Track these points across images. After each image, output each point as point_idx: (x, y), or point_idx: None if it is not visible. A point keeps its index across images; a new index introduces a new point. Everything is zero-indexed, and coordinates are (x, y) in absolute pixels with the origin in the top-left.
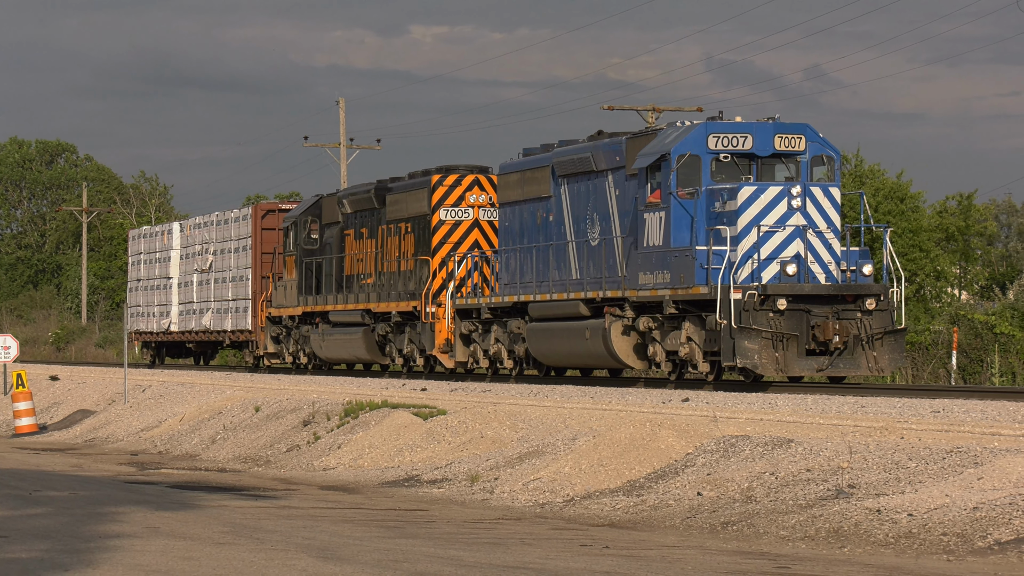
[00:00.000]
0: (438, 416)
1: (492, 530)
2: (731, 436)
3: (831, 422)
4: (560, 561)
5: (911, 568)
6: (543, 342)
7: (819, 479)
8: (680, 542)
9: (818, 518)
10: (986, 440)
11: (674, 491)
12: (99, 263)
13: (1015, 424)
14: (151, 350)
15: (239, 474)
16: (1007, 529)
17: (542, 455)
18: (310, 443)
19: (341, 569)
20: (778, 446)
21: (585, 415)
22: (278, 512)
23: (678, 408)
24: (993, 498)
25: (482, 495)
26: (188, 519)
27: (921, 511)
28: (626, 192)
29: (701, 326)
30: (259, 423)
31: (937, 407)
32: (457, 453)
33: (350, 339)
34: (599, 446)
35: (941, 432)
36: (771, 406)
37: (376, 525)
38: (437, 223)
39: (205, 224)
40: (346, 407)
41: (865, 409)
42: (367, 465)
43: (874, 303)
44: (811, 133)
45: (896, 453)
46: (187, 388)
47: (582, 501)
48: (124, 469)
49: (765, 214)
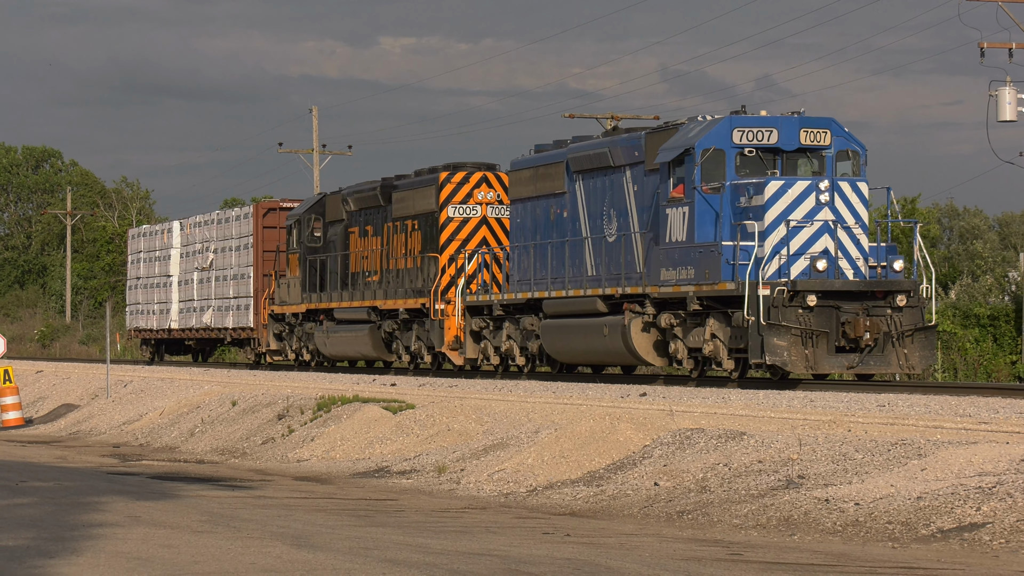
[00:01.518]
0: (407, 410)
1: (458, 519)
2: (686, 429)
3: (782, 416)
4: (523, 548)
5: (858, 555)
6: (558, 339)
7: (770, 470)
8: (638, 530)
9: (769, 507)
10: (929, 433)
11: (632, 482)
12: (82, 264)
13: (957, 418)
14: (151, 347)
15: (216, 465)
16: (949, 518)
17: (506, 447)
18: (284, 436)
19: (314, 556)
20: (731, 438)
21: (547, 409)
22: (254, 502)
23: (636, 402)
24: (936, 488)
25: (449, 485)
26: (168, 508)
27: (867, 501)
28: (645, 187)
29: (726, 323)
30: (235, 417)
31: (882, 401)
32: (425, 445)
33: (356, 336)
34: (561, 439)
35: (886, 425)
36: (724, 400)
37: (348, 514)
38: (445, 220)
39: (206, 223)
40: (319, 402)
41: (814, 403)
42: (339, 457)
43: (905, 299)
44: (836, 127)
45: (843, 445)
46: (167, 383)
47: (544, 491)
48: (107, 461)
49: (792, 209)
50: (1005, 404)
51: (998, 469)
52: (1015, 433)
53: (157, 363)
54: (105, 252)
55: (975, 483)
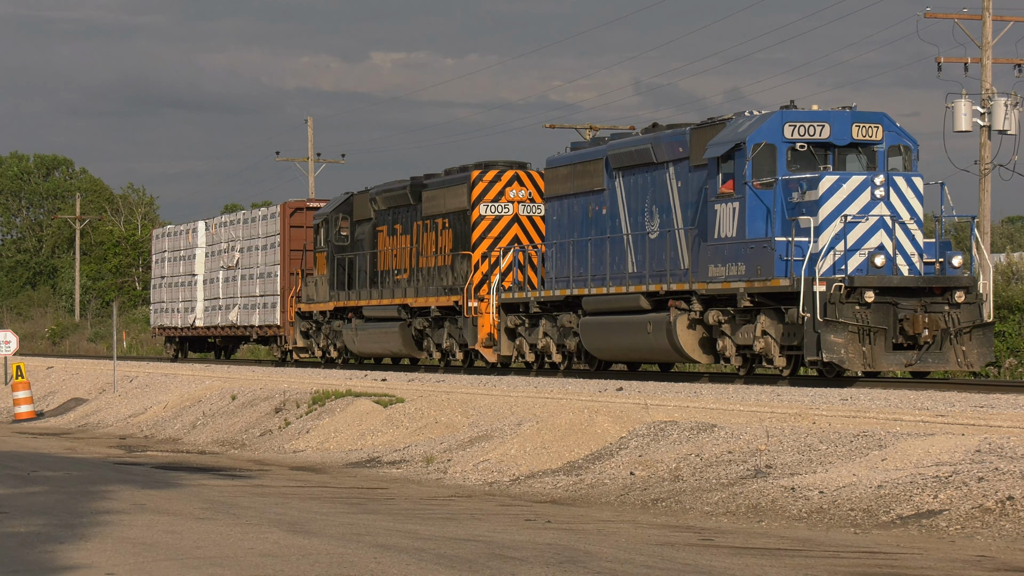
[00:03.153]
0: (397, 404)
1: (445, 506)
2: (660, 422)
3: (750, 409)
4: (507, 534)
5: (822, 540)
6: (599, 336)
7: (739, 460)
8: (615, 517)
9: (738, 495)
10: (889, 425)
11: (609, 471)
12: (91, 266)
13: (915, 411)
14: (174, 344)
15: (217, 456)
16: (908, 505)
17: (490, 439)
18: (281, 428)
19: (309, 541)
20: (703, 430)
21: (529, 403)
22: (252, 490)
23: (613, 397)
24: (895, 477)
25: (436, 475)
26: (171, 496)
27: (831, 489)
28: (689, 184)
29: (778, 319)
30: (235, 410)
31: (845, 396)
32: (414, 437)
33: (385, 334)
34: (542, 431)
35: (849, 418)
36: (696, 395)
37: (341, 502)
38: (477, 218)
39: (231, 222)
40: (314, 396)
41: (781, 397)
42: (333, 448)
43: (963, 296)
44: (888, 122)
45: (808, 437)
46: (170, 379)
47: (527, 480)
48: (113, 452)
49: (847, 204)
50: (961, 398)
51: (954, 459)
52: (970, 425)
53: (181, 360)
54: (112, 255)
55: (932, 472)
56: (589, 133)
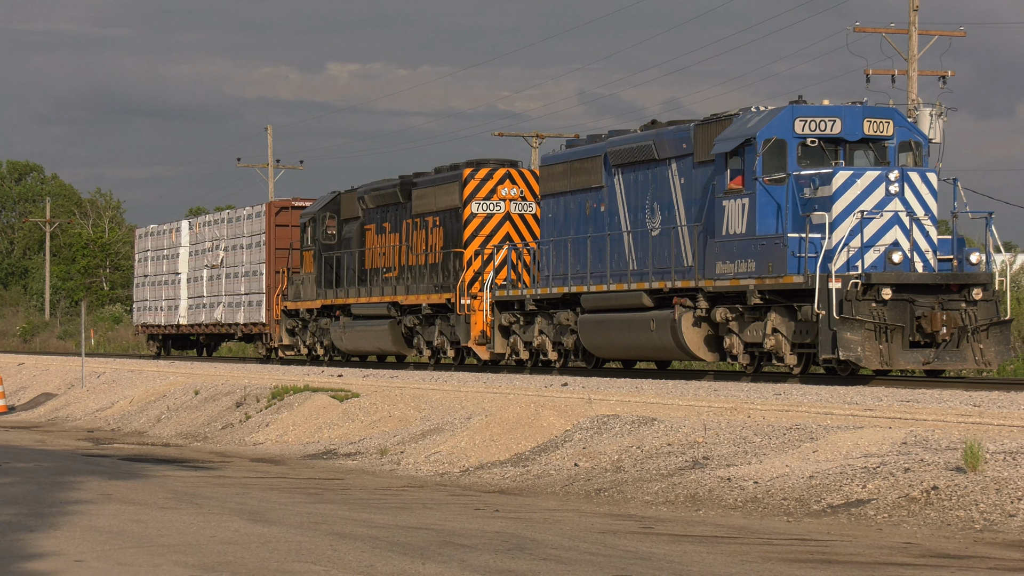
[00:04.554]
0: (352, 398)
1: (399, 496)
2: (603, 415)
3: (689, 403)
4: (457, 522)
5: (756, 528)
6: (598, 334)
7: (678, 452)
8: (560, 506)
9: (677, 485)
10: (820, 419)
11: (555, 463)
12: (60, 267)
13: (845, 405)
14: (157, 342)
15: (181, 448)
16: (838, 495)
17: (441, 432)
18: (242, 422)
19: (269, 530)
20: (643, 424)
21: (479, 397)
22: (214, 481)
23: (558, 391)
24: (826, 468)
25: (390, 466)
26: (137, 487)
27: (765, 479)
28: (693, 180)
29: (790, 317)
30: (198, 404)
31: (779, 391)
32: (368, 430)
33: (375, 331)
34: (490, 424)
35: (782, 412)
36: (637, 390)
37: (299, 492)
38: (469, 216)
39: (215, 222)
40: (273, 390)
41: (717, 392)
42: (291, 441)
43: (981, 293)
44: (899, 118)
45: (744, 430)
46: (136, 374)
47: (476, 471)
48: (82, 444)
49: (862, 200)
50: (888, 393)
51: (882, 451)
52: (896, 419)
53: (163, 357)
54: (80, 256)
55: (861, 464)
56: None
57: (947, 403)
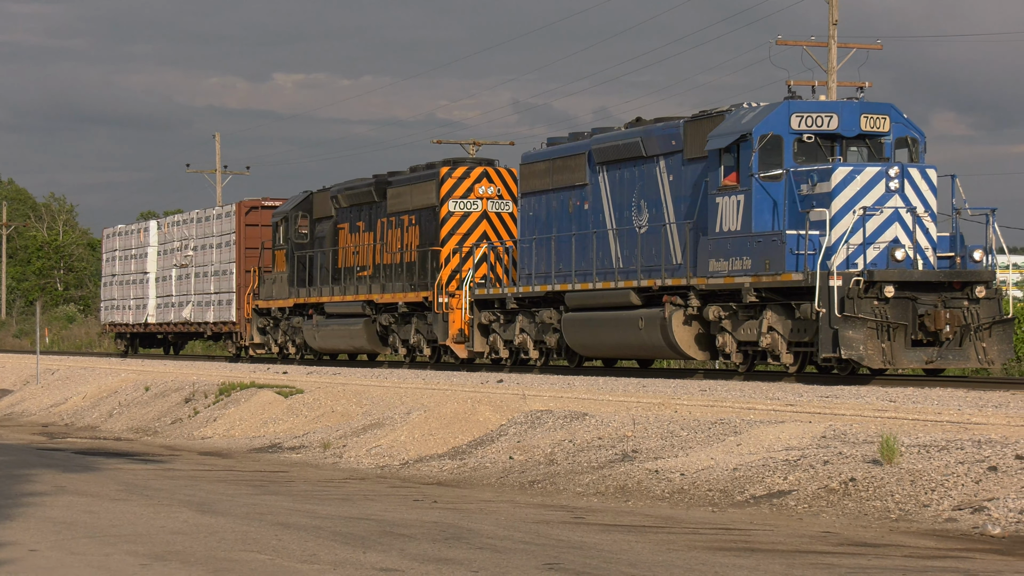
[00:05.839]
0: (297, 394)
1: (341, 488)
2: (537, 411)
3: (619, 399)
4: (397, 513)
5: (683, 518)
6: (584, 332)
7: (608, 445)
8: (495, 497)
9: (607, 477)
10: (743, 413)
11: (491, 456)
12: (16, 268)
13: (767, 400)
14: (125, 340)
15: (132, 442)
16: (760, 486)
17: (382, 426)
18: (191, 417)
19: (216, 520)
20: (575, 418)
21: (418, 393)
22: (164, 474)
23: (494, 388)
24: (749, 461)
25: (333, 459)
26: (90, 479)
27: (691, 471)
28: (683, 177)
29: (787, 315)
30: (148, 400)
31: (704, 387)
32: (312, 425)
33: (349, 330)
34: (429, 419)
35: (707, 407)
36: (569, 386)
37: (245, 484)
38: (446, 214)
39: (184, 221)
40: (221, 387)
41: (646, 388)
42: (238, 435)
43: (984, 290)
44: (895, 114)
45: (671, 424)
46: (89, 371)
47: (415, 464)
48: (36, 438)
49: (861, 196)
50: (808, 389)
51: (802, 444)
52: (816, 414)
53: (131, 356)
54: (36, 258)
55: (783, 456)
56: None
57: (864, 399)
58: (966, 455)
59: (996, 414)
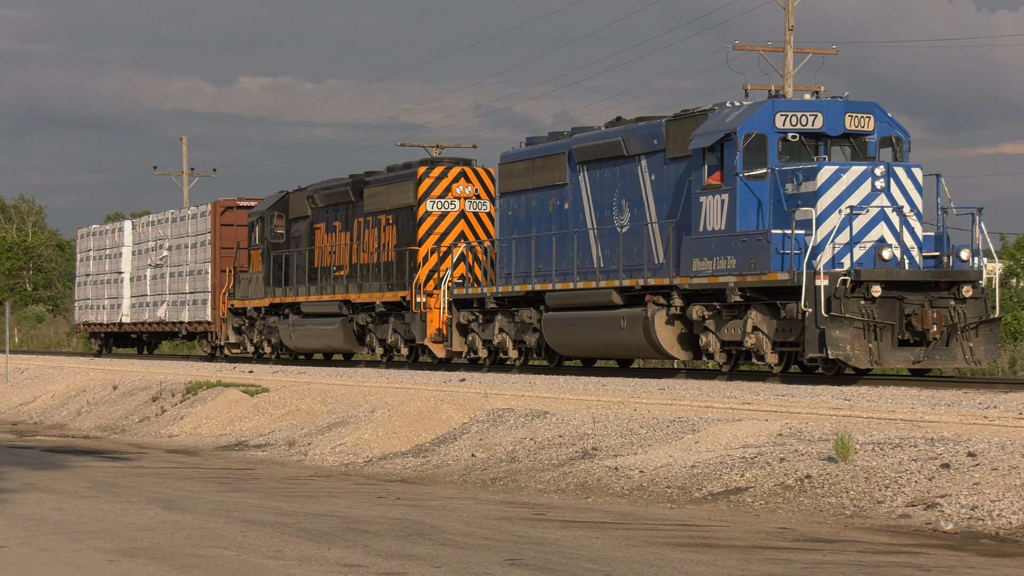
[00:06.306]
0: (262, 393)
1: (306, 485)
2: (499, 409)
3: (579, 397)
4: (361, 510)
5: (642, 514)
6: (564, 332)
7: (569, 443)
8: (458, 494)
9: (568, 474)
10: (701, 412)
11: (453, 453)
12: None
13: (725, 399)
14: (99, 340)
15: (100, 440)
16: (718, 483)
17: (347, 424)
18: (158, 415)
19: (183, 517)
20: (536, 417)
21: (382, 392)
22: (132, 471)
23: (457, 387)
24: (707, 458)
25: (298, 457)
26: (58, 477)
27: (650, 469)
28: (665, 176)
29: (772, 315)
30: (116, 399)
31: (663, 386)
32: (278, 423)
33: (326, 329)
34: (393, 417)
35: (666, 405)
36: (531, 385)
37: (211, 481)
38: (424, 214)
39: (159, 221)
40: (187, 386)
41: (606, 387)
42: (204, 433)
43: (971, 290)
44: (879, 112)
45: (630, 422)
46: (58, 370)
47: (379, 461)
48: (5, 436)
49: (847, 196)
50: (765, 388)
51: (759, 442)
52: (773, 412)
53: (105, 355)
54: (4, 259)
55: (740, 454)
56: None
57: (820, 397)
58: (919, 452)
59: (949, 412)
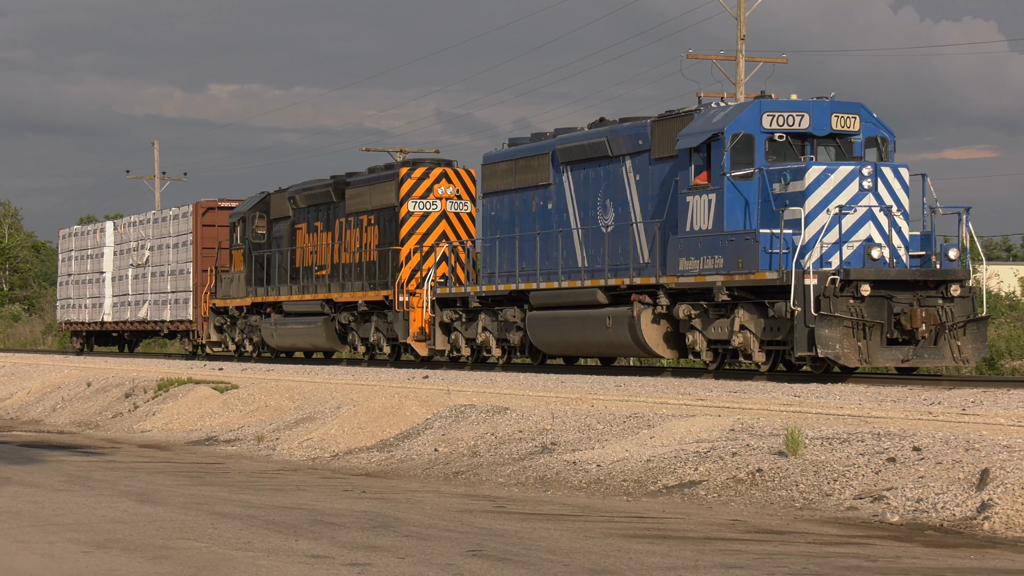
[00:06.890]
0: (232, 390)
1: (274, 479)
2: (461, 405)
3: (539, 394)
4: (327, 503)
5: (599, 507)
6: (549, 331)
7: (529, 438)
8: (421, 487)
9: (528, 468)
10: (657, 408)
11: (417, 448)
12: None
13: (679, 395)
14: (81, 338)
15: (74, 435)
16: (672, 476)
17: (313, 420)
18: (131, 411)
19: (155, 510)
20: (497, 412)
21: (348, 388)
22: (105, 465)
23: (420, 383)
24: (662, 452)
25: (266, 452)
26: (34, 471)
27: (607, 463)
28: (650, 176)
29: (759, 314)
30: (90, 395)
31: (619, 383)
32: (247, 419)
33: (308, 328)
34: (358, 413)
35: (622, 402)
36: (492, 382)
37: (183, 475)
38: (406, 214)
39: (141, 222)
40: (159, 382)
41: (564, 384)
42: (176, 428)
43: (958, 289)
44: (865, 113)
45: (588, 418)
46: (33, 368)
47: (345, 456)
48: None
49: (835, 195)
50: (717, 384)
51: (712, 437)
52: (725, 408)
53: (86, 353)
54: None
55: (693, 448)
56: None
57: (771, 393)
58: (866, 447)
59: (895, 408)
